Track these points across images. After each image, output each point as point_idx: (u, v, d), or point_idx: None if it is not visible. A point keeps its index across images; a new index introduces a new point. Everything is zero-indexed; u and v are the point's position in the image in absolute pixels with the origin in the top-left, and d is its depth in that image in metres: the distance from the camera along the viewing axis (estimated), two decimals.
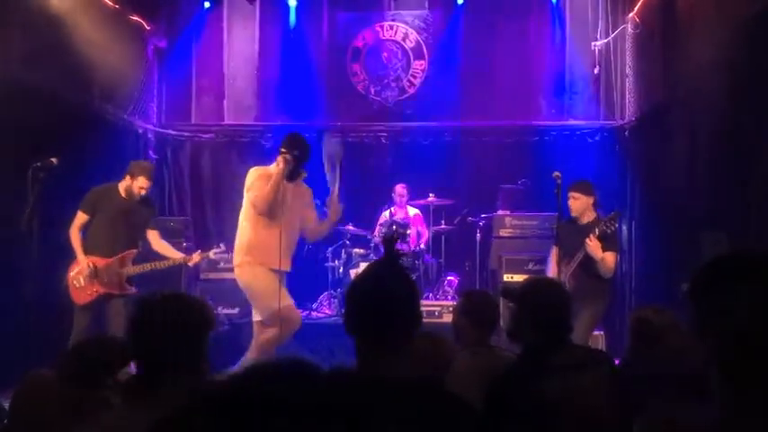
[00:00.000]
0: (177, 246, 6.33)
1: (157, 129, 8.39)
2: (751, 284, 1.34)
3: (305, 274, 7.53)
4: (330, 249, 7.53)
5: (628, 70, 7.82)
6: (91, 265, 5.34)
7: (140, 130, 8.00)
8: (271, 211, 5.05)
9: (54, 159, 4.91)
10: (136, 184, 5.47)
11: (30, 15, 5.85)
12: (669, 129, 6.38)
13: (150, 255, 5.78)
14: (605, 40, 8.05)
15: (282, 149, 5.09)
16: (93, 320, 5.39)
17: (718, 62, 5.23)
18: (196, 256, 5.76)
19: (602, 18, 8.16)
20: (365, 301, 1.85)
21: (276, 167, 5.10)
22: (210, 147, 8.57)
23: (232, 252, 5.45)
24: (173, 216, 7.87)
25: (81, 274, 5.35)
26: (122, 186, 5.51)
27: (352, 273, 7.07)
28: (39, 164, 4.75)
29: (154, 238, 5.73)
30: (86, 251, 5.38)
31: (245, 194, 5.24)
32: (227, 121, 8.61)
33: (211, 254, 5.93)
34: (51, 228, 5.48)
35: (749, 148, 4.71)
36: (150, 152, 8.23)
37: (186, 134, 8.54)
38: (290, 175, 5.08)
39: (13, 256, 5.17)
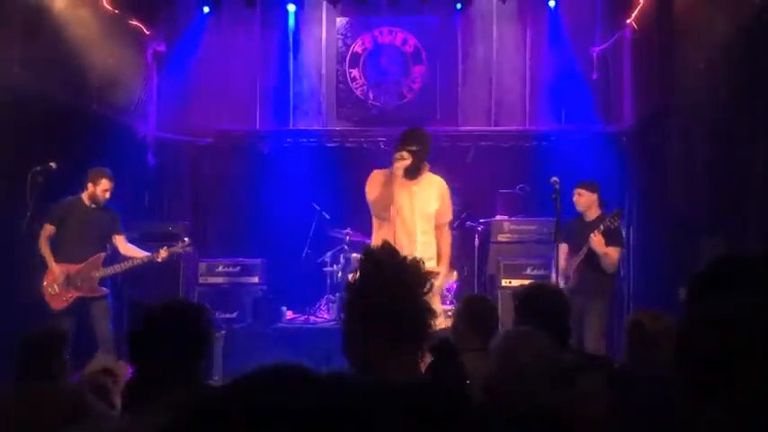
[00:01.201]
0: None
1: (156, 133, 8.39)
2: (749, 284, 1.35)
3: (303, 278, 7.56)
4: (329, 254, 7.53)
5: (625, 76, 7.84)
6: (64, 271, 5.52)
7: (139, 135, 8.00)
8: (388, 212, 4.71)
9: (53, 163, 4.95)
10: (99, 189, 5.67)
11: (30, 20, 5.87)
12: (667, 134, 6.40)
13: (119, 258, 5.92)
14: (603, 46, 8.07)
15: (398, 146, 4.72)
16: (72, 325, 5.46)
17: (714, 66, 5.26)
18: (163, 252, 5.87)
19: (600, 24, 8.19)
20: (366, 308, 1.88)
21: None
22: (209, 151, 8.58)
23: (196, 246, 5.60)
24: (171, 221, 7.86)
25: (55, 282, 5.52)
26: (86, 196, 5.70)
27: (351, 277, 7.04)
28: (38, 168, 4.78)
29: (120, 242, 5.91)
30: (58, 259, 5.56)
31: None
32: (226, 126, 8.62)
33: (178, 248, 6.06)
34: None
35: (747, 151, 4.73)
36: (149, 156, 8.23)
37: (185, 139, 8.54)
38: (410, 172, 4.69)
39: (14, 259, 5.19)
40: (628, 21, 7.46)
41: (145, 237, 6.73)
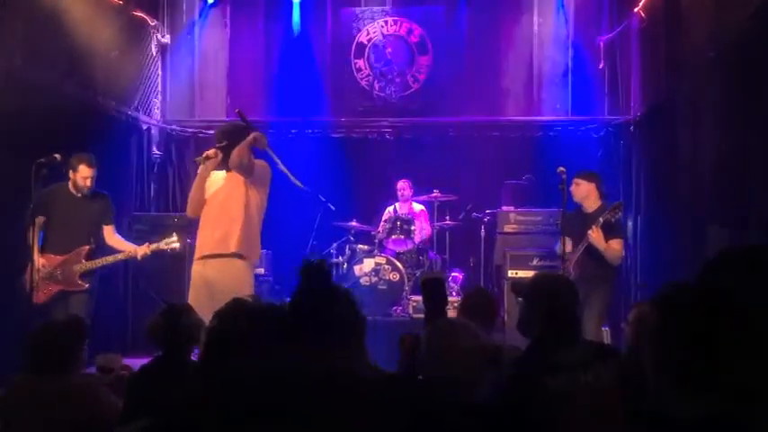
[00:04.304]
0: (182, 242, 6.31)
1: (161, 125, 8.38)
2: (759, 275, 1.34)
3: None
4: (334, 245, 7.52)
5: (633, 65, 7.78)
6: (45, 264, 5.29)
7: (144, 126, 7.99)
8: (201, 211, 4.85)
9: (57, 155, 4.91)
10: (79, 176, 5.39)
11: (33, 10, 5.85)
12: (674, 124, 6.35)
13: (106, 250, 5.63)
14: (610, 35, 8.01)
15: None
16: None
17: (722, 56, 5.20)
18: (143, 249, 5.52)
19: (607, 13, 8.13)
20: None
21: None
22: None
23: (188, 242, 5.64)
24: (176, 212, 7.86)
25: (36, 274, 5.22)
26: (71, 184, 5.46)
27: (356, 269, 7.06)
28: (42, 160, 4.75)
29: (108, 233, 5.60)
30: (45, 250, 5.32)
31: None
32: (230, 117, 8.58)
33: (162, 245, 5.56)
34: None
35: (754, 142, 4.68)
36: (154, 148, 8.23)
37: (190, 130, 8.54)
38: (222, 164, 4.96)
39: (17, 252, 5.18)
40: (635, 9, 7.39)
41: (152, 229, 6.72)
